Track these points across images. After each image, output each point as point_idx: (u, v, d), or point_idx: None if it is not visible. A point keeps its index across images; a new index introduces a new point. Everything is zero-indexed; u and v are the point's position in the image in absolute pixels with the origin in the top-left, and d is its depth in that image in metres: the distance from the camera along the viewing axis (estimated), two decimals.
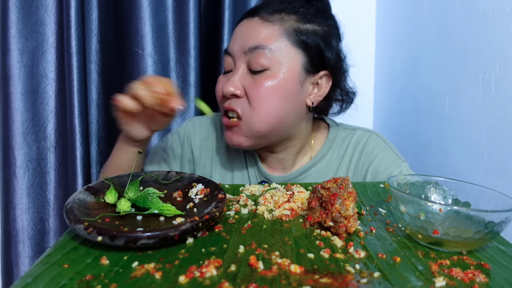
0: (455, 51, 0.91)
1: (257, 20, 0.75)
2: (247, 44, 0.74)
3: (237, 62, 0.76)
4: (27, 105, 1.05)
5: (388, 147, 0.84)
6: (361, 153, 0.83)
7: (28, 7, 1.02)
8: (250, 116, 0.74)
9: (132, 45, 1.10)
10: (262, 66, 0.73)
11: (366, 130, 0.87)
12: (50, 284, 0.36)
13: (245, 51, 0.74)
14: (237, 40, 0.76)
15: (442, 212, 0.44)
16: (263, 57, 0.72)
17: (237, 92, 0.74)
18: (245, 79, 0.75)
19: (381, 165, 0.80)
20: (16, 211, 1.07)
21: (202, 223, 0.45)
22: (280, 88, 0.73)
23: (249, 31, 0.75)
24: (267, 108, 0.73)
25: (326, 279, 0.37)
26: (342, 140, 0.86)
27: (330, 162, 0.84)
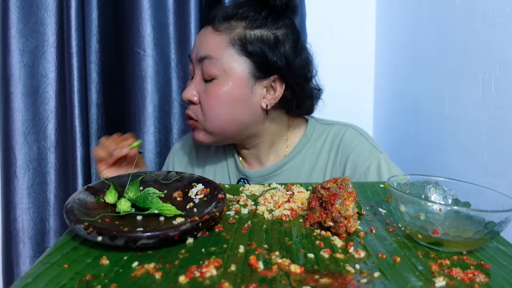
0: (455, 51, 0.90)
1: (209, 30, 0.79)
2: (199, 53, 0.79)
3: (195, 69, 0.81)
4: (28, 105, 1.05)
5: (365, 139, 0.85)
6: (338, 147, 0.85)
7: (29, 7, 1.02)
8: (204, 120, 0.80)
9: (133, 46, 1.10)
10: (210, 76, 0.77)
11: (343, 124, 0.89)
12: (50, 284, 0.36)
13: (198, 60, 0.79)
14: (194, 49, 0.81)
15: (442, 212, 0.44)
16: (211, 67, 0.77)
17: (193, 99, 0.80)
18: (199, 87, 0.80)
19: (359, 159, 0.81)
20: (16, 211, 1.07)
21: (202, 223, 0.45)
22: (227, 95, 0.77)
23: (201, 41, 0.80)
24: (216, 114, 0.78)
25: (326, 279, 0.37)
26: (319, 135, 0.88)
27: (306, 157, 0.86)
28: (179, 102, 1.15)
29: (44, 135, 1.08)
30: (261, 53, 0.77)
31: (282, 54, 0.78)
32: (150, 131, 1.13)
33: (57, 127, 1.08)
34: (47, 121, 1.07)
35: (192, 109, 0.82)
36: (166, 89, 1.13)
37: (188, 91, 0.81)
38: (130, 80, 1.12)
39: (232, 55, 0.77)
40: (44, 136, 1.08)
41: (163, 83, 1.13)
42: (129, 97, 1.13)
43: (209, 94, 0.78)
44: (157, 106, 1.13)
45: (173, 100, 1.14)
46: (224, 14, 0.78)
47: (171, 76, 1.14)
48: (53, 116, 1.08)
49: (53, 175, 1.09)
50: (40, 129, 1.07)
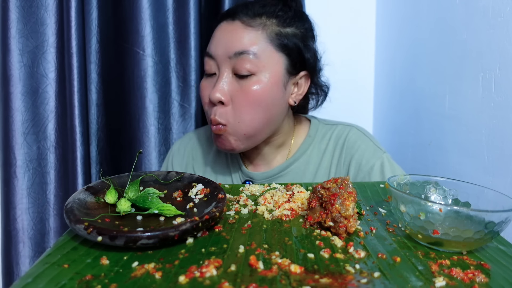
0: (455, 51, 0.90)
1: (239, 24, 0.76)
2: (232, 49, 0.74)
3: (221, 66, 0.76)
4: (27, 105, 1.05)
5: (369, 139, 0.85)
6: (342, 147, 0.85)
7: (28, 7, 1.02)
8: (237, 122, 0.75)
9: (133, 46, 1.10)
10: (248, 71, 0.74)
11: (347, 125, 0.89)
12: (50, 284, 0.36)
13: (230, 56, 0.74)
14: (220, 44, 0.76)
15: (442, 212, 0.44)
16: (249, 62, 0.73)
17: (222, 99, 0.75)
18: (230, 85, 0.75)
19: (363, 158, 0.82)
20: (16, 211, 1.07)
21: (202, 223, 0.45)
22: (266, 93, 0.75)
23: (232, 36, 0.75)
24: (253, 114, 0.75)
25: (326, 279, 0.37)
26: (322, 135, 0.88)
27: (311, 157, 0.86)
28: (179, 102, 1.15)
29: (44, 135, 1.08)
30: (297, 49, 0.77)
31: (312, 50, 0.80)
32: (150, 131, 1.13)
33: (57, 127, 1.08)
34: (47, 121, 1.07)
35: (220, 112, 0.75)
36: (165, 89, 1.13)
37: (218, 90, 0.74)
38: (130, 80, 1.12)
39: (271, 50, 0.75)
40: (44, 136, 1.08)
41: (163, 83, 1.13)
42: (129, 97, 1.13)
43: (248, 92, 0.74)
44: (157, 106, 1.13)
45: (172, 100, 1.14)
46: (254, 11, 0.76)
47: (170, 76, 1.14)
48: (53, 116, 1.08)
49: (53, 175, 1.09)
50: (40, 129, 1.07)
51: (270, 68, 0.75)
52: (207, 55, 0.79)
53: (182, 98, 1.15)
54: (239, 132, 0.76)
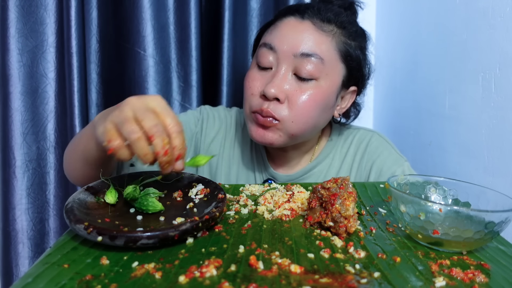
0: (455, 51, 0.91)
1: (310, 25, 0.74)
2: (300, 48, 0.72)
3: (282, 62, 0.73)
4: (27, 105, 1.05)
5: (391, 147, 0.86)
6: (364, 152, 0.85)
7: (28, 7, 1.02)
8: (290, 121, 0.73)
9: (134, 46, 1.10)
10: (310, 75, 0.72)
11: (368, 130, 0.90)
12: (50, 284, 0.35)
13: (295, 54, 0.72)
14: (286, 40, 0.73)
15: (442, 212, 0.44)
16: (314, 66, 0.72)
17: (279, 96, 0.72)
18: (288, 84, 0.73)
19: (384, 164, 0.82)
20: (15, 211, 1.07)
21: (202, 223, 0.45)
22: (323, 100, 0.74)
23: (301, 35, 0.73)
24: (308, 117, 0.74)
25: (326, 279, 0.37)
26: (344, 139, 0.88)
27: (333, 161, 0.86)
28: (180, 102, 1.15)
29: (44, 135, 1.08)
30: (358, 63, 0.78)
31: (368, 67, 0.82)
32: None
33: (57, 127, 1.08)
34: (47, 121, 1.07)
35: (275, 107, 0.73)
36: (166, 89, 1.13)
37: (276, 86, 0.72)
38: (130, 80, 1.12)
39: (336, 59, 0.75)
40: (44, 136, 1.08)
41: (164, 83, 1.13)
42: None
43: (307, 95, 0.72)
44: None
45: (173, 100, 1.14)
46: (327, 16, 0.75)
47: (171, 76, 1.13)
48: (52, 116, 1.07)
49: (52, 176, 1.09)
50: (40, 129, 1.07)
51: (331, 76, 0.74)
52: (267, 46, 0.75)
53: (183, 98, 1.15)
54: (288, 131, 0.74)
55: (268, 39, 0.76)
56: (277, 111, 0.73)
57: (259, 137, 0.76)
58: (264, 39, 0.78)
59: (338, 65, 0.76)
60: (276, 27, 0.77)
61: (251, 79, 0.77)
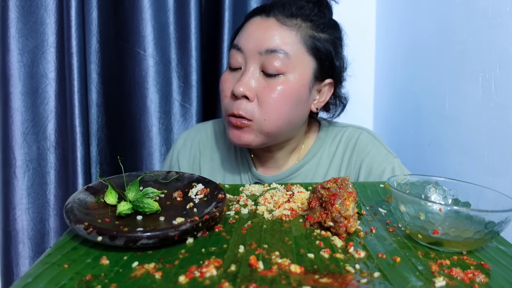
0: (455, 51, 0.91)
1: (274, 22, 0.74)
2: (264, 45, 0.73)
3: (249, 61, 0.74)
4: (27, 105, 1.05)
5: (380, 144, 0.85)
6: (353, 150, 0.84)
7: (28, 7, 1.02)
8: (262, 120, 0.73)
9: (134, 46, 1.10)
10: (277, 71, 0.72)
11: (357, 127, 0.89)
12: (50, 284, 0.36)
13: (260, 52, 0.73)
14: (252, 39, 0.74)
15: (442, 212, 0.44)
16: (280, 61, 0.72)
17: (247, 94, 0.72)
18: (257, 81, 0.73)
19: (374, 162, 0.81)
20: (16, 211, 1.07)
21: (202, 223, 0.45)
22: (292, 94, 0.74)
23: (265, 32, 0.74)
24: (279, 113, 0.74)
25: (326, 279, 0.37)
26: (333, 137, 0.87)
27: (321, 160, 0.85)
28: (180, 102, 1.15)
29: (44, 135, 1.08)
30: (328, 55, 0.77)
31: (341, 58, 0.80)
32: (151, 131, 1.13)
33: (57, 127, 1.08)
34: (47, 121, 1.07)
35: (245, 107, 0.73)
36: (166, 89, 1.13)
37: (244, 85, 0.72)
38: (130, 80, 1.12)
39: (302, 53, 0.74)
40: (44, 136, 1.08)
41: (164, 83, 1.13)
42: (130, 97, 1.13)
43: (275, 91, 0.72)
44: (158, 106, 1.13)
45: (173, 100, 1.14)
46: (291, 11, 0.75)
47: (171, 76, 1.14)
48: (53, 116, 1.07)
49: (53, 175, 1.09)
50: (40, 129, 1.07)
51: (299, 69, 0.74)
52: (235, 47, 0.76)
53: (183, 98, 1.15)
54: (263, 130, 0.74)
55: (236, 41, 0.78)
56: (248, 110, 0.73)
57: (236, 139, 0.76)
58: (234, 42, 0.79)
59: (305, 59, 0.75)
60: (243, 29, 0.78)
61: (223, 82, 0.78)
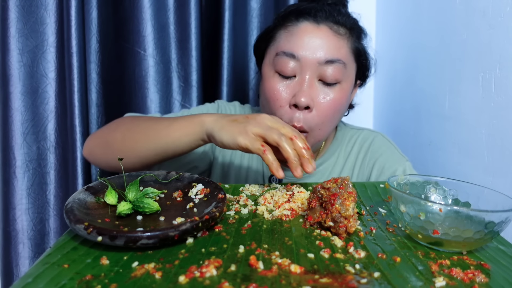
0: (455, 51, 0.91)
1: (327, 30, 0.74)
2: (324, 56, 0.73)
3: (307, 70, 0.73)
4: (27, 105, 1.05)
5: (393, 147, 0.88)
6: (367, 151, 0.87)
7: (28, 7, 1.02)
8: (318, 129, 0.75)
9: (134, 46, 1.10)
10: (336, 80, 0.74)
11: (372, 131, 0.92)
12: (50, 284, 0.36)
13: (320, 62, 0.73)
14: (309, 48, 0.73)
15: (442, 212, 0.44)
16: (339, 71, 0.73)
17: (311, 104, 0.72)
18: (314, 90, 0.74)
19: (386, 163, 0.83)
20: (16, 211, 1.07)
21: (202, 223, 0.45)
22: (345, 101, 0.77)
23: (323, 42, 0.73)
24: (332, 121, 0.76)
25: (326, 279, 0.37)
26: (348, 139, 0.90)
27: (338, 159, 0.88)
28: (180, 102, 1.15)
29: (44, 135, 1.08)
30: (365, 61, 0.81)
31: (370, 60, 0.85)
32: None
33: (57, 127, 1.08)
34: (47, 121, 1.07)
35: (306, 117, 0.73)
36: (166, 89, 1.13)
37: (307, 96, 0.72)
38: (131, 80, 1.12)
39: (352, 61, 0.77)
40: (44, 136, 1.08)
41: (164, 83, 1.13)
42: (130, 97, 1.13)
43: (333, 100, 0.74)
44: (158, 106, 1.13)
45: (173, 100, 1.14)
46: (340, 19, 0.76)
47: (171, 76, 1.14)
48: (52, 116, 1.07)
49: (53, 176, 1.09)
50: (40, 129, 1.07)
51: (350, 77, 0.77)
52: (288, 55, 0.74)
53: (184, 98, 1.15)
54: (316, 138, 0.76)
55: (286, 47, 0.75)
56: (307, 122, 0.73)
57: None
58: (281, 47, 0.76)
59: (353, 66, 0.78)
60: (292, 34, 0.75)
61: (275, 90, 0.75)
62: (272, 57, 0.78)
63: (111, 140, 0.74)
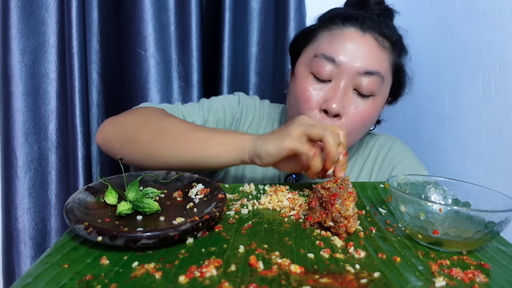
0: (455, 51, 0.90)
1: (372, 40, 0.73)
2: (364, 66, 0.71)
3: (344, 77, 0.71)
4: (29, 105, 1.05)
5: (411, 155, 0.87)
6: (385, 156, 0.86)
7: (29, 7, 1.03)
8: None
9: (134, 46, 1.10)
10: (371, 92, 0.72)
11: (390, 137, 0.91)
12: (50, 284, 0.36)
13: (359, 71, 0.71)
14: (351, 56, 0.71)
15: (442, 212, 0.44)
16: (376, 84, 0.72)
17: (342, 112, 0.71)
18: (349, 99, 0.72)
19: (405, 170, 0.82)
20: (17, 211, 1.07)
21: (202, 223, 0.45)
22: (375, 115, 0.77)
23: (365, 51, 0.72)
24: (360, 132, 0.76)
25: (326, 279, 0.37)
26: (365, 144, 0.89)
27: (355, 163, 0.87)
28: (180, 102, 1.15)
29: (45, 135, 1.08)
30: (401, 79, 0.80)
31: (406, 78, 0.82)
32: None
33: (58, 127, 1.08)
34: (48, 121, 1.08)
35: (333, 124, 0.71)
36: (167, 89, 1.14)
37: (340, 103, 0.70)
38: (131, 80, 1.12)
39: (390, 76, 0.76)
40: (45, 136, 1.08)
41: (164, 83, 1.13)
42: (130, 97, 1.13)
43: (364, 112, 0.73)
44: None
45: (174, 100, 1.14)
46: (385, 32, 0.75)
47: (172, 76, 1.14)
48: (54, 116, 1.08)
49: (54, 175, 1.10)
50: (41, 129, 1.08)
51: (385, 92, 0.76)
52: (328, 59, 0.72)
53: (184, 98, 1.15)
54: None
55: (328, 51, 0.73)
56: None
57: None
58: (321, 49, 0.74)
59: (390, 81, 0.77)
60: (336, 38, 0.74)
61: (307, 91, 0.73)
62: (309, 57, 0.75)
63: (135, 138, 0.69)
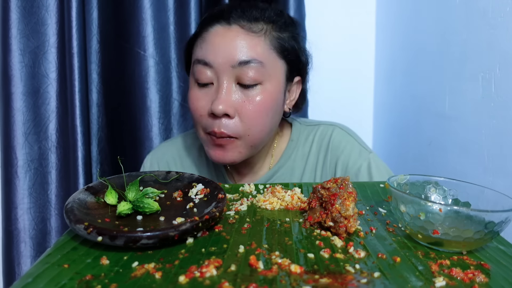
0: (455, 51, 0.90)
1: (238, 29, 0.70)
2: (236, 57, 0.69)
3: (222, 76, 0.70)
4: (29, 105, 1.05)
5: (353, 140, 0.83)
6: (327, 149, 0.82)
7: (30, 8, 1.03)
8: (246, 135, 0.71)
9: (134, 46, 1.10)
10: (254, 81, 0.69)
11: (329, 124, 0.86)
12: (50, 284, 0.36)
13: (233, 65, 0.69)
14: (220, 52, 0.69)
15: (442, 212, 0.44)
16: (255, 71, 0.69)
17: (228, 111, 0.69)
18: (234, 95, 0.70)
19: (349, 160, 0.80)
20: (17, 211, 1.07)
21: (202, 223, 0.45)
22: (272, 102, 0.72)
23: (233, 43, 0.69)
24: (262, 125, 0.72)
25: (326, 279, 0.37)
26: (305, 138, 0.85)
27: (295, 162, 0.83)
28: (180, 102, 1.15)
29: (45, 135, 1.08)
30: (295, 54, 0.75)
31: (305, 53, 0.78)
32: (151, 131, 1.13)
33: (58, 127, 1.08)
34: (48, 121, 1.08)
35: (227, 124, 0.70)
36: (166, 89, 1.14)
37: (223, 102, 0.68)
38: (131, 80, 1.12)
39: (274, 58, 0.72)
40: (45, 136, 1.08)
41: (164, 83, 1.13)
42: (130, 97, 1.13)
43: (256, 103, 0.70)
44: (158, 106, 1.13)
45: (173, 100, 1.15)
46: (253, 15, 0.72)
47: (171, 76, 1.14)
48: (54, 116, 1.08)
49: (54, 175, 1.10)
50: (41, 129, 1.08)
51: (274, 75, 0.72)
52: (201, 63, 0.71)
53: (183, 98, 1.15)
54: (247, 144, 0.72)
55: (200, 55, 0.72)
56: (230, 128, 0.70)
57: (219, 159, 0.73)
58: (196, 55, 0.73)
59: (278, 63, 0.72)
60: (204, 40, 0.72)
61: (194, 100, 0.73)
62: (192, 67, 0.75)
63: None
